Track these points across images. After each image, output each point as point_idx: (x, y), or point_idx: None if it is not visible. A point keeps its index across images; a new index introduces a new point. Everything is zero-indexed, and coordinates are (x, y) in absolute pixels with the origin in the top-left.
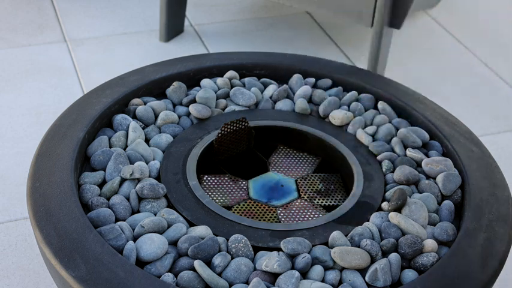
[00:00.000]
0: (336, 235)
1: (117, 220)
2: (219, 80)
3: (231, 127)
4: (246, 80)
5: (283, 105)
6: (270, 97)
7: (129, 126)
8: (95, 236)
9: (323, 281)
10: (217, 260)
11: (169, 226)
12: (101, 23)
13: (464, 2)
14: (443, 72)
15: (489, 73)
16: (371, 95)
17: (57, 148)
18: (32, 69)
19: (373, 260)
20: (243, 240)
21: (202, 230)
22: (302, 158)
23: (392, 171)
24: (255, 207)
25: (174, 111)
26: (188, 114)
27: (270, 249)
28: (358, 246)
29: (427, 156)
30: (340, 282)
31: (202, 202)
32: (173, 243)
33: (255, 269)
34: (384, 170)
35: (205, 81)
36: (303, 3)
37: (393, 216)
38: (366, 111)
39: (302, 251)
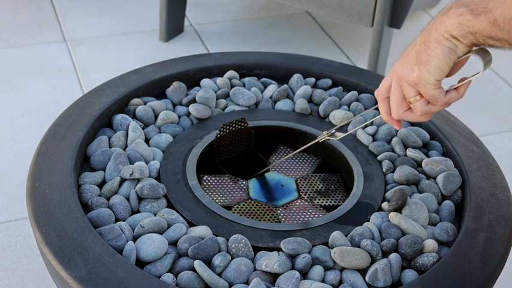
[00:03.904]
0: (336, 235)
1: (117, 220)
2: (219, 80)
3: (230, 128)
4: (246, 80)
5: (283, 105)
6: (270, 97)
7: (129, 126)
8: (95, 236)
9: (323, 281)
10: (217, 260)
11: (169, 226)
12: (101, 23)
13: None
14: None
15: (489, 73)
16: (371, 95)
17: (57, 148)
18: (32, 69)
19: (373, 260)
20: (243, 241)
21: (202, 230)
22: (302, 158)
23: (393, 171)
24: (255, 207)
25: (174, 111)
26: (188, 114)
27: (270, 250)
28: (359, 247)
29: (428, 156)
30: (341, 282)
31: (202, 202)
32: (173, 243)
33: (255, 269)
34: (384, 170)
35: (205, 81)
36: (303, 3)
37: (393, 217)
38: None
39: (302, 251)
